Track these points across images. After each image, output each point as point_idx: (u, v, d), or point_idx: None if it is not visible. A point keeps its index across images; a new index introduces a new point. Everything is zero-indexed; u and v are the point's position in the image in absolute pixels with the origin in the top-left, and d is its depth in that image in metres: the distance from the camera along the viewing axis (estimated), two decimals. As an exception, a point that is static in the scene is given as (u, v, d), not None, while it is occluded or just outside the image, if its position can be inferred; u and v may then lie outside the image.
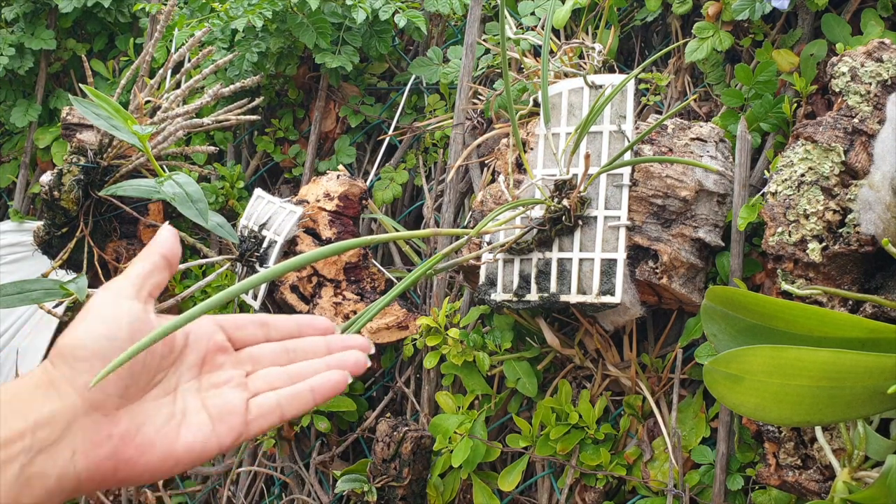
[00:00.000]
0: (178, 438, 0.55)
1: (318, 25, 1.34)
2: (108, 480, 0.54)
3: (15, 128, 1.85)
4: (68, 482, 0.52)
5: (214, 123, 1.33)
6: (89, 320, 0.54)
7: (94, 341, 0.53)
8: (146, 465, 0.54)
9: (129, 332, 0.54)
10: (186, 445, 0.55)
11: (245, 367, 0.61)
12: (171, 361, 0.58)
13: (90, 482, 0.53)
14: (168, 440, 0.55)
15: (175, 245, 0.61)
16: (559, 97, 1.04)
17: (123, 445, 0.54)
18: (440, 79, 1.33)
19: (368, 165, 1.47)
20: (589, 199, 0.98)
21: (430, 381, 1.21)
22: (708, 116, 1.12)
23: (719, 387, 0.66)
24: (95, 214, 1.36)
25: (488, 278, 1.03)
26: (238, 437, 0.57)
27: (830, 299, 0.83)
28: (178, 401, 0.57)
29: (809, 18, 1.05)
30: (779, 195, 0.86)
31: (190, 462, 0.56)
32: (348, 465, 1.28)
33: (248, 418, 0.58)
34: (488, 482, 1.14)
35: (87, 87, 1.00)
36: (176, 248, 0.60)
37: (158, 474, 0.55)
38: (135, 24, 1.82)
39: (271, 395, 0.60)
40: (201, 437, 0.56)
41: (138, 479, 0.55)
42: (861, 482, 0.73)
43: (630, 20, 1.25)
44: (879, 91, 0.87)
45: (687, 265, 0.96)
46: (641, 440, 1.05)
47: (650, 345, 1.08)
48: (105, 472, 0.53)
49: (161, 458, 0.55)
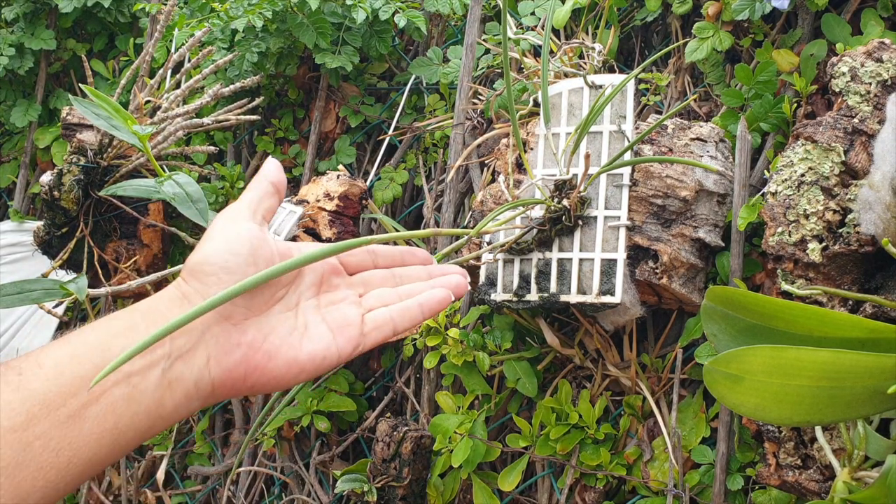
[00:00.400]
0: (301, 347, 0.60)
1: (318, 25, 1.34)
2: (239, 387, 0.58)
3: (15, 128, 1.85)
4: (204, 386, 0.57)
5: (214, 123, 1.33)
6: (213, 239, 0.59)
7: (219, 256, 0.58)
8: (273, 370, 0.58)
9: (249, 247, 0.59)
10: (309, 353, 0.60)
11: (358, 289, 0.66)
12: (290, 279, 0.62)
13: (223, 387, 0.58)
14: (292, 349, 0.59)
15: (280, 174, 0.66)
16: (559, 97, 1.04)
17: (252, 352, 0.58)
18: (440, 79, 1.33)
19: (368, 165, 1.47)
20: (589, 199, 0.98)
21: (430, 381, 1.21)
22: (708, 116, 1.12)
23: (719, 387, 0.66)
24: (95, 214, 1.35)
25: (488, 278, 1.03)
26: (356, 347, 0.62)
27: (830, 299, 0.83)
28: (299, 316, 0.62)
29: (809, 18, 1.05)
30: (779, 195, 0.86)
31: (313, 369, 0.60)
32: (348, 465, 1.28)
33: (364, 330, 0.63)
34: (488, 482, 1.14)
35: (87, 87, 1.00)
36: (282, 177, 0.66)
37: (284, 381, 0.59)
38: (135, 24, 1.82)
39: (384, 310, 0.64)
40: (322, 345, 0.60)
41: (266, 385, 0.59)
42: (861, 482, 0.73)
43: (630, 20, 1.25)
44: (879, 91, 0.87)
45: (687, 265, 0.96)
46: (641, 440, 1.05)
47: (650, 345, 1.08)
48: (236, 378, 0.58)
49: (286, 364, 0.59)
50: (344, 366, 1.34)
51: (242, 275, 0.58)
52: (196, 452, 1.51)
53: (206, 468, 1.47)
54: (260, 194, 0.64)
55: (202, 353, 0.57)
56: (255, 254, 0.59)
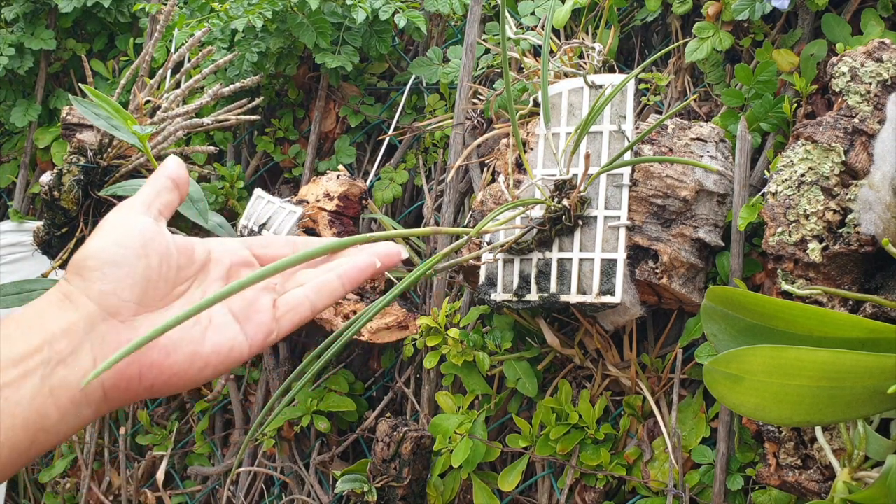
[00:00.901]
0: (204, 340, 0.55)
1: (318, 25, 1.34)
2: (135, 388, 0.54)
3: (15, 128, 1.85)
4: (93, 391, 0.52)
5: (214, 123, 1.33)
6: (99, 235, 0.56)
7: (104, 250, 0.54)
8: (173, 367, 0.54)
9: (139, 239, 0.55)
10: (214, 346, 0.55)
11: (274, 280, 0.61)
12: (192, 273, 0.59)
13: (116, 390, 0.53)
14: (193, 342, 0.55)
15: (181, 169, 0.62)
16: (559, 97, 1.04)
17: (145, 349, 0.53)
18: (440, 79, 1.33)
19: (368, 165, 1.47)
20: (589, 199, 0.98)
21: (430, 381, 1.21)
22: (708, 116, 1.12)
23: (719, 387, 0.66)
24: (95, 214, 1.35)
25: (488, 278, 1.03)
26: (268, 334, 0.58)
27: (830, 299, 0.83)
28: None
29: (809, 18, 1.05)
30: (779, 195, 0.86)
31: (219, 363, 0.56)
32: (348, 465, 1.28)
33: (276, 315, 0.58)
34: (488, 482, 1.14)
35: (87, 87, 1.00)
36: (182, 172, 0.62)
37: (188, 378, 0.55)
38: (135, 24, 1.82)
39: (298, 290, 0.60)
40: (229, 336, 0.56)
41: (167, 384, 0.55)
42: (861, 482, 0.73)
43: (630, 20, 1.25)
44: (879, 91, 0.87)
45: (687, 265, 0.96)
46: (641, 440, 1.05)
47: (650, 345, 1.08)
48: (130, 378, 0.53)
49: (188, 359, 0.55)
50: (343, 366, 1.34)
51: (131, 268, 0.54)
52: (196, 452, 1.51)
53: (205, 468, 1.47)
54: (157, 189, 0.60)
55: (87, 354, 0.52)
56: (147, 246, 0.55)
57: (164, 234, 0.57)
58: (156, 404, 1.59)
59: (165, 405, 1.59)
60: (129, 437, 1.58)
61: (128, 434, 1.57)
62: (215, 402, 1.48)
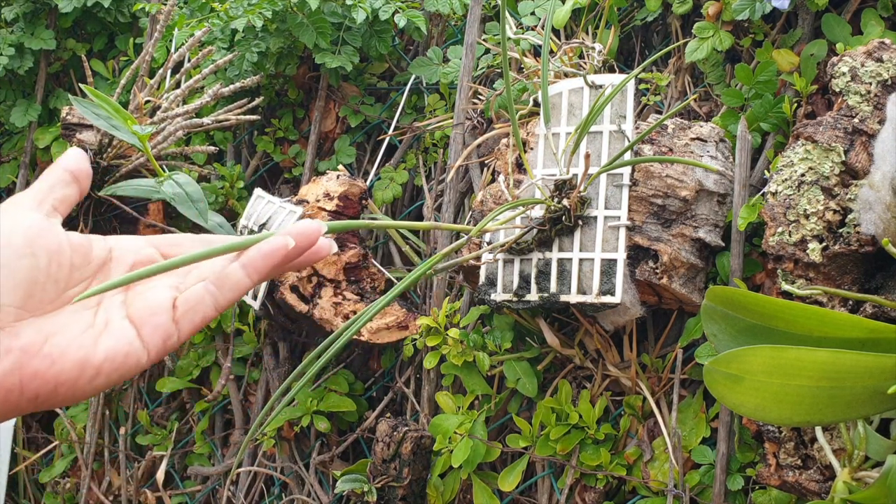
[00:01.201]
0: (96, 346, 0.50)
1: (318, 25, 1.34)
2: (17, 400, 0.48)
3: (15, 128, 1.85)
4: None
5: (214, 123, 1.33)
6: None
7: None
8: (59, 376, 0.49)
9: (25, 236, 0.50)
10: (106, 352, 0.50)
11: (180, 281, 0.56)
12: (89, 273, 0.54)
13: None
14: (83, 349, 0.50)
15: (81, 162, 0.56)
16: (559, 97, 1.04)
17: (27, 358, 0.48)
18: (440, 79, 1.33)
19: (368, 165, 1.47)
20: (589, 199, 0.98)
21: (430, 381, 1.21)
22: (708, 116, 1.12)
23: (719, 387, 0.66)
24: (95, 214, 1.35)
25: (488, 278, 1.03)
26: (167, 338, 0.52)
27: (830, 299, 0.83)
28: (100, 314, 0.53)
29: (809, 18, 1.05)
30: (779, 195, 0.86)
31: (113, 370, 0.50)
32: (348, 465, 1.28)
33: (175, 316, 0.53)
34: (488, 482, 1.14)
35: (87, 87, 1.00)
36: (83, 165, 0.56)
37: (78, 388, 0.50)
38: (135, 24, 1.82)
39: (199, 285, 0.54)
40: (124, 341, 0.51)
41: (55, 394, 0.49)
42: (861, 482, 0.73)
43: (630, 20, 1.25)
44: (879, 91, 0.86)
45: (687, 265, 0.96)
46: (641, 440, 1.05)
47: (650, 345, 1.08)
48: (10, 389, 0.48)
49: (77, 367, 0.49)
50: (343, 366, 1.34)
51: (12, 268, 0.49)
52: (196, 453, 1.51)
53: (205, 468, 1.47)
54: (50, 183, 0.55)
55: None
56: (34, 244, 0.50)
57: (55, 232, 0.52)
58: (156, 404, 1.59)
59: (165, 405, 1.59)
60: (129, 437, 1.58)
61: (128, 434, 1.57)
62: (215, 402, 1.48)
